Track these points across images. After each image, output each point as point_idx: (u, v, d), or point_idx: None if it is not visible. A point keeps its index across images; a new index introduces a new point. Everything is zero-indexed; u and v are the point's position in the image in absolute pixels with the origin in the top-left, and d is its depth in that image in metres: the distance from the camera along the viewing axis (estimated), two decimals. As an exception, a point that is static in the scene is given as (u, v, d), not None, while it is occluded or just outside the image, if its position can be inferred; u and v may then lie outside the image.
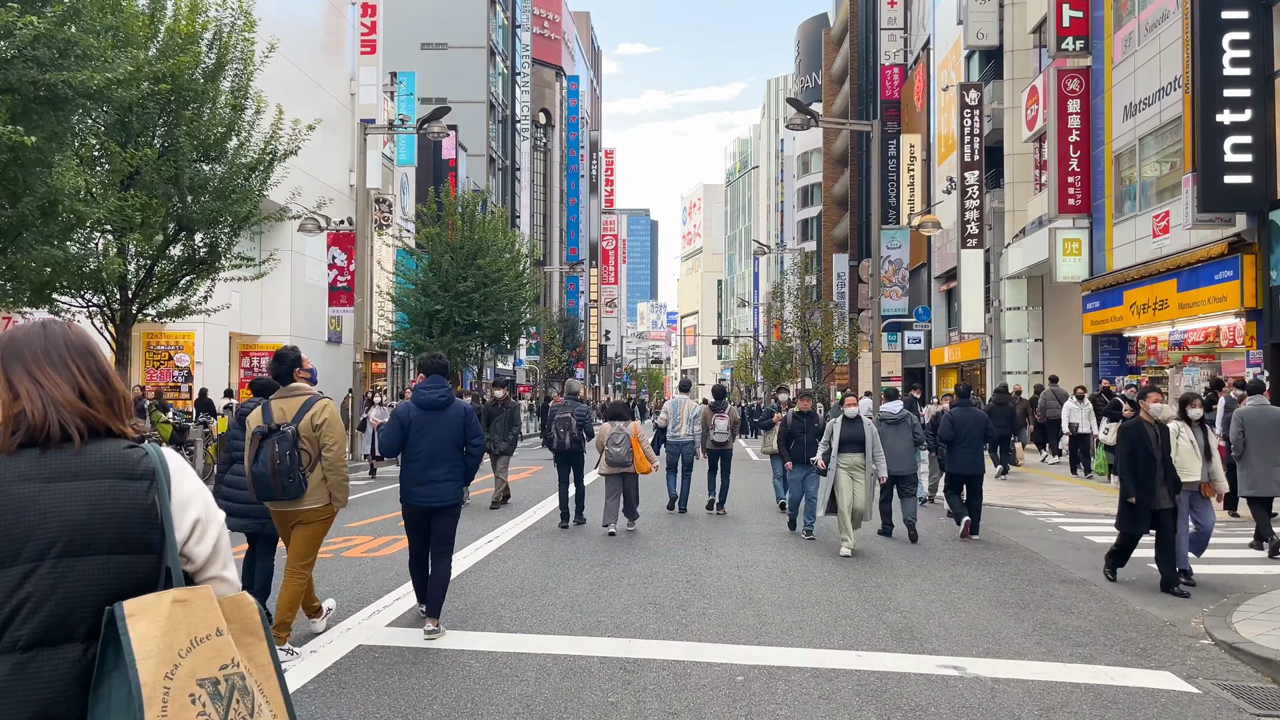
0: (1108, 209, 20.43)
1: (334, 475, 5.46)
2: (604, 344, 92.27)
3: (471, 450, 6.14)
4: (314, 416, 5.43)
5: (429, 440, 5.99)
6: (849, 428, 9.54)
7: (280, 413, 5.43)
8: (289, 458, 5.23)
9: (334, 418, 5.50)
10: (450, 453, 6.03)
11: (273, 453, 5.20)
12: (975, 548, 9.83)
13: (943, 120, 34.71)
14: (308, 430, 5.39)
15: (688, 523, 11.69)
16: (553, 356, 48.19)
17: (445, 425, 6.04)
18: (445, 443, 6.01)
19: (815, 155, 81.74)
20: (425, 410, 6.05)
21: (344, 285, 21.58)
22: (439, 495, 6.00)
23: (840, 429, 9.52)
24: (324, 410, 5.47)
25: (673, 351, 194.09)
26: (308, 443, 5.37)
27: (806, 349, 38.98)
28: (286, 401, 5.49)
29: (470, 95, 55.62)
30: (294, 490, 5.29)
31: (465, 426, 6.08)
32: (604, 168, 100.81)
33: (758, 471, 19.21)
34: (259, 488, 5.31)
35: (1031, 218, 26.13)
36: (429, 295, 29.14)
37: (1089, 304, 20.84)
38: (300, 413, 5.41)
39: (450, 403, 6.10)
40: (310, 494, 5.40)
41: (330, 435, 5.43)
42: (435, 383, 6.13)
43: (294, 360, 5.64)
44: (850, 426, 9.56)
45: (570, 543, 9.93)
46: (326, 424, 5.44)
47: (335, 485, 5.47)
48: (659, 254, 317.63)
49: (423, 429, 6.01)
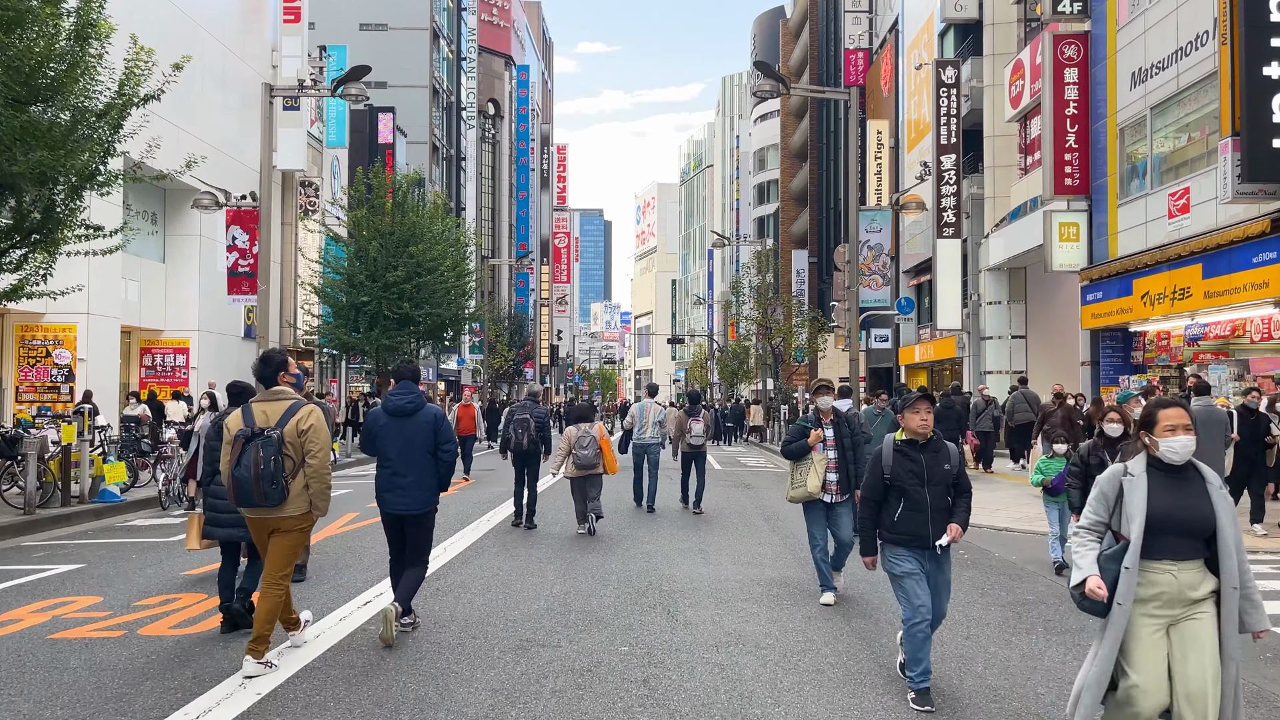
0: (1110, 189, 18.30)
1: (317, 483, 5.31)
2: (555, 343, 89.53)
3: (443, 457, 6.05)
4: (300, 422, 5.29)
5: (398, 446, 5.96)
6: None
7: (263, 416, 5.28)
8: (273, 463, 5.10)
9: (320, 424, 5.35)
10: (420, 459, 5.97)
11: (256, 457, 5.08)
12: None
13: (913, 104, 32.61)
14: (292, 436, 5.25)
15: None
16: (498, 355, 45.32)
17: (414, 432, 5.97)
18: (415, 449, 5.96)
19: (772, 151, 79.95)
20: (394, 416, 6.00)
21: (245, 270, 18.71)
22: (408, 503, 5.96)
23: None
24: (310, 416, 5.32)
25: (626, 352, 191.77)
26: (291, 448, 5.24)
27: (767, 347, 36.64)
28: (270, 405, 5.34)
29: (412, 79, 52.64)
30: (276, 497, 5.14)
31: (435, 433, 6.02)
32: (556, 163, 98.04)
33: (722, 484, 16.75)
34: (239, 493, 5.15)
35: (1015, 204, 24.04)
36: (355, 286, 26.28)
37: (1089, 295, 18.70)
38: (285, 417, 5.27)
39: (420, 409, 6.02)
40: (291, 501, 5.24)
41: (315, 442, 5.28)
42: (405, 389, 6.09)
43: (280, 363, 5.51)
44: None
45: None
46: (313, 430, 5.30)
47: (318, 494, 5.33)
48: (613, 255, 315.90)
49: (392, 435, 5.98)
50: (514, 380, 56.92)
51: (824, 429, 7.17)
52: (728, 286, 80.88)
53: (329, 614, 6.55)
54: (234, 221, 18.74)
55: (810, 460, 7.11)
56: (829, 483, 7.07)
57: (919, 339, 32.38)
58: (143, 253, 25.11)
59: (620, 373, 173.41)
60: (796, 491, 7.17)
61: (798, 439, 7.18)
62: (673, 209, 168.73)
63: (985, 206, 25.95)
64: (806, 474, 7.09)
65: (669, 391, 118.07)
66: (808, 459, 7.12)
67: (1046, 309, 24.83)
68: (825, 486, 7.07)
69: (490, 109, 72.41)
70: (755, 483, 17.31)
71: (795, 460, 7.23)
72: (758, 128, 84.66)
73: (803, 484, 7.10)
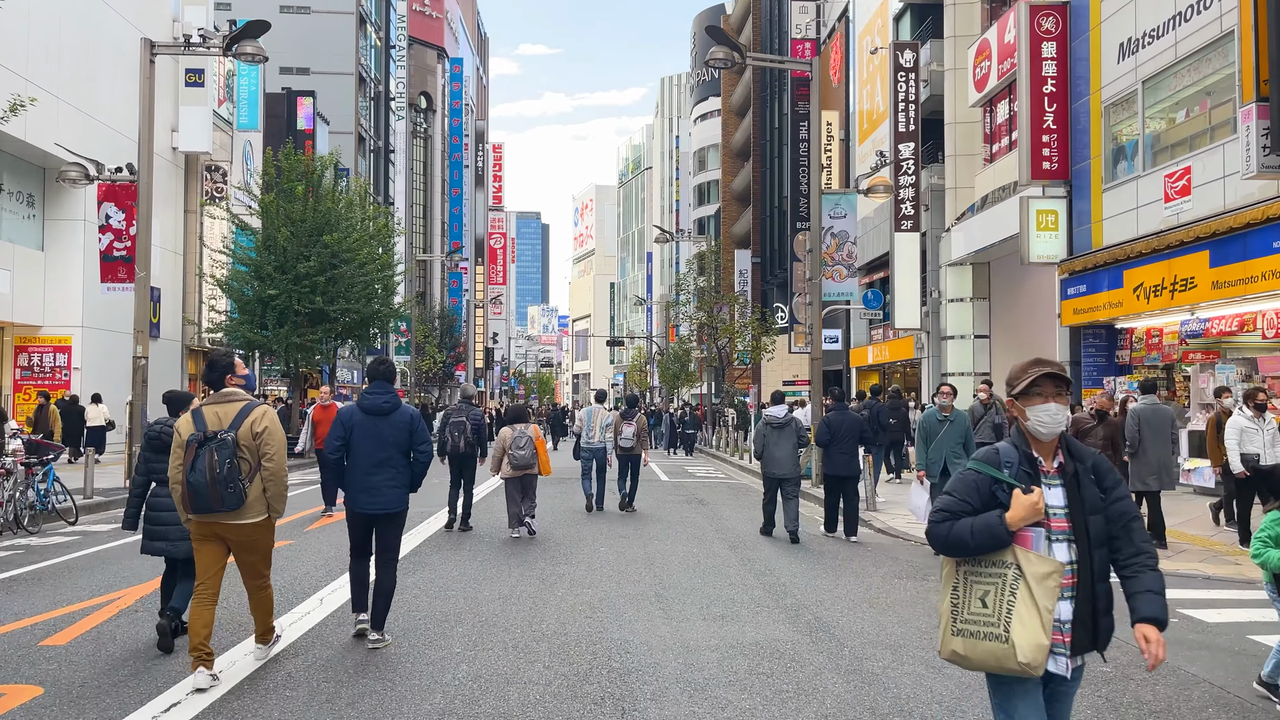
0: (1094, 172, 16.74)
1: (274, 485, 5.15)
2: (491, 346, 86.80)
3: (418, 457, 5.94)
4: (254, 424, 5.14)
5: (372, 445, 5.84)
6: None
7: (215, 419, 5.11)
8: (228, 466, 4.96)
9: (274, 425, 5.19)
10: (395, 459, 5.88)
11: (211, 461, 4.93)
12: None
13: (865, 94, 31.12)
14: (247, 438, 5.10)
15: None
16: (426, 357, 42.71)
17: (390, 431, 5.88)
18: (389, 449, 5.86)
19: (713, 151, 78.51)
20: (369, 415, 5.90)
21: (121, 254, 16.15)
22: (382, 502, 5.85)
23: None
24: (264, 417, 5.17)
25: (564, 356, 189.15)
26: (247, 451, 5.09)
27: (713, 348, 34.79)
28: (221, 408, 5.17)
29: (337, 66, 49.87)
30: (233, 501, 4.99)
31: (411, 433, 5.93)
32: (492, 161, 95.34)
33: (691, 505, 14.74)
34: (195, 500, 4.96)
35: (979, 194, 22.51)
36: (262, 279, 23.70)
37: (1070, 289, 17.13)
38: (238, 419, 5.12)
39: (396, 408, 5.93)
40: (250, 505, 5.09)
41: (270, 444, 5.14)
42: (380, 388, 6.00)
43: (226, 366, 5.38)
44: None
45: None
46: (267, 431, 5.14)
47: (275, 496, 5.18)
48: (551, 258, 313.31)
49: (366, 434, 5.85)
50: (445, 383, 54.26)
51: (1043, 484, 2.95)
52: (667, 289, 79.19)
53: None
54: (107, 198, 16.16)
55: (1014, 565, 2.84)
56: (1061, 626, 2.87)
57: (871, 340, 30.82)
58: (17, 238, 22.26)
59: (558, 377, 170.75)
60: (979, 650, 2.85)
61: (966, 502, 2.96)
62: (611, 211, 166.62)
63: (946, 198, 24.40)
64: (1006, 606, 2.81)
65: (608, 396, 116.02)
66: (1002, 562, 2.87)
67: (1012, 306, 23.35)
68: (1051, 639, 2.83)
69: (422, 102, 69.60)
70: (709, 497, 15.33)
71: (960, 560, 2.95)
72: (698, 127, 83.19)
73: (997, 632, 2.81)
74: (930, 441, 9.67)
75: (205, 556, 5.14)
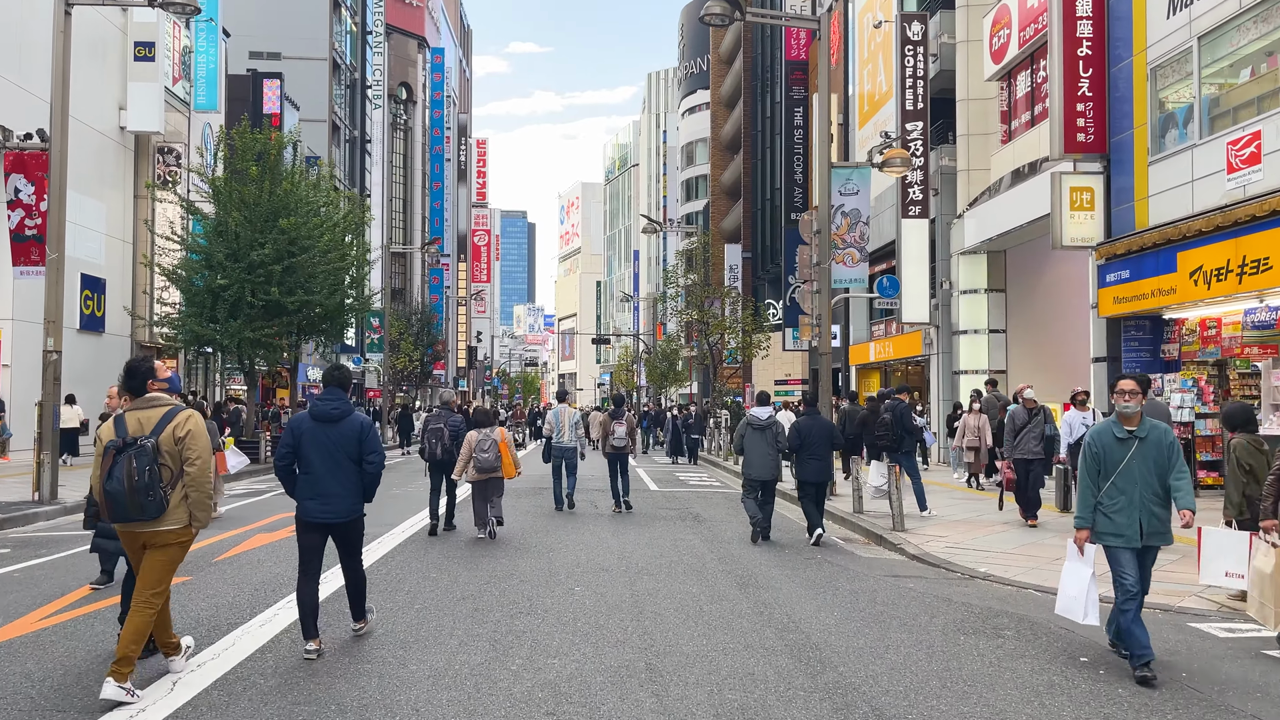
0: (1138, 144, 14.87)
1: (196, 492, 4.94)
2: (474, 345, 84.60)
3: (368, 468, 5.75)
4: (176, 429, 4.94)
5: (321, 453, 5.68)
6: None
7: (137, 425, 4.94)
8: (148, 473, 4.75)
9: (199, 430, 5.00)
10: (346, 467, 5.70)
11: (129, 468, 4.74)
12: None
13: (866, 74, 29.21)
14: (169, 444, 4.90)
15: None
16: (401, 355, 40.56)
17: (339, 439, 5.70)
18: (339, 457, 5.69)
19: (701, 145, 76.67)
20: (318, 422, 5.74)
21: (33, 233, 14.05)
22: (334, 511, 5.67)
23: None
24: (187, 421, 4.97)
25: (551, 355, 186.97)
26: (169, 457, 4.88)
27: (705, 345, 32.83)
28: (144, 413, 4.98)
29: (309, 51, 47.65)
30: (154, 510, 4.79)
31: (361, 442, 5.74)
32: (475, 156, 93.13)
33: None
34: (114, 509, 4.79)
35: (996, 176, 20.66)
36: (212, 267, 21.60)
37: (1110, 275, 15.24)
38: (160, 424, 4.93)
39: (345, 416, 5.76)
40: (170, 513, 4.88)
41: (193, 449, 4.93)
42: (332, 394, 5.83)
43: (145, 372, 5.09)
44: None
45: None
46: (190, 436, 4.95)
47: (196, 503, 4.96)
48: (537, 258, 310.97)
49: (315, 441, 5.70)
50: (422, 384, 52.04)
51: None
52: (654, 287, 77.13)
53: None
54: (15, 169, 14.05)
55: None
56: None
57: (872, 335, 28.94)
58: None
59: (543, 376, 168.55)
60: None
61: None
62: (597, 209, 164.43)
63: (958, 181, 22.54)
64: None
65: (593, 396, 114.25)
66: None
67: (1031, 298, 21.51)
68: None
69: (402, 93, 67.41)
70: (705, 511, 13.38)
71: None
72: (686, 121, 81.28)
73: None
74: (1101, 472, 5.64)
75: (141, 564, 4.98)
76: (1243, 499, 6.78)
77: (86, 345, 24.25)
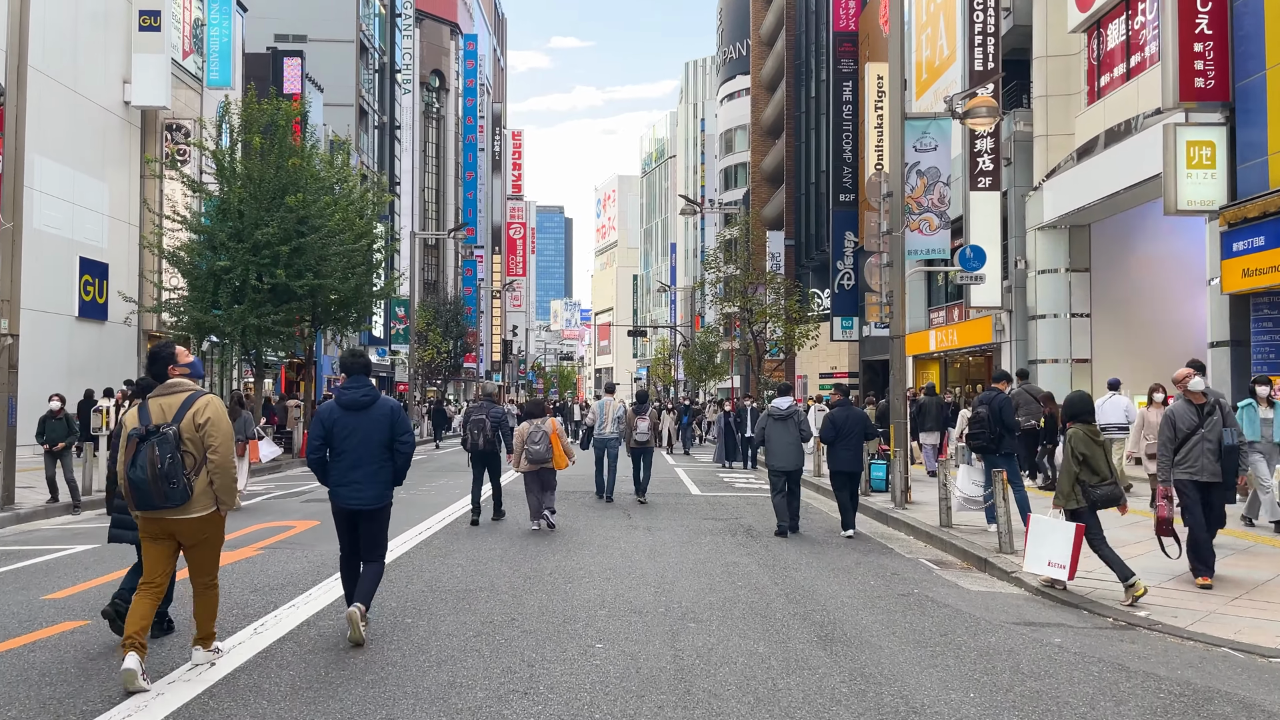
0: (1271, 88, 12.54)
1: (220, 477, 4.89)
2: (509, 338, 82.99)
3: (400, 449, 5.76)
4: (196, 415, 4.86)
5: (353, 441, 5.68)
6: None
7: (160, 412, 4.87)
8: (170, 461, 4.70)
9: (218, 415, 4.92)
10: (376, 453, 5.71)
11: (152, 456, 4.70)
12: None
13: (924, 39, 26.86)
14: (190, 431, 4.84)
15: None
16: (429, 347, 38.78)
17: (370, 425, 5.70)
18: (370, 443, 5.69)
19: (740, 131, 74.38)
20: (347, 410, 5.71)
21: (-15, 201, 12.28)
22: (362, 498, 5.68)
23: None
24: (207, 407, 4.90)
25: (587, 350, 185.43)
26: (191, 444, 4.83)
27: (749, 334, 30.67)
28: (166, 400, 4.93)
29: (336, 33, 46.07)
30: (178, 496, 4.75)
31: (392, 425, 5.75)
32: (511, 147, 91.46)
33: (710, 529, 10.75)
34: (138, 496, 4.74)
35: (1081, 140, 18.32)
36: (214, 248, 19.87)
37: (1237, 244, 12.93)
38: (181, 411, 4.86)
39: (374, 401, 5.75)
40: (196, 500, 4.84)
41: (215, 435, 4.88)
42: (357, 382, 5.82)
43: (167, 356, 5.05)
44: None
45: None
46: (210, 422, 4.88)
47: (222, 488, 4.91)
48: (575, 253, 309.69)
49: (346, 430, 5.70)
50: (452, 376, 50.30)
51: None
52: (691, 279, 74.86)
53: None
54: (-35, 127, 12.33)
55: None
56: None
57: (931, 323, 26.61)
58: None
59: (580, 370, 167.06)
60: None
61: None
62: (634, 202, 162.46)
63: (1035, 148, 20.22)
64: None
65: (629, 390, 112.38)
66: None
67: (1119, 278, 19.18)
68: None
69: (435, 81, 65.81)
70: (758, 523, 11.29)
71: None
72: (725, 108, 78.92)
73: None
74: None
75: (153, 554, 4.92)
76: (1073, 488, 6.94)
77: (87, 334, 22.69)
